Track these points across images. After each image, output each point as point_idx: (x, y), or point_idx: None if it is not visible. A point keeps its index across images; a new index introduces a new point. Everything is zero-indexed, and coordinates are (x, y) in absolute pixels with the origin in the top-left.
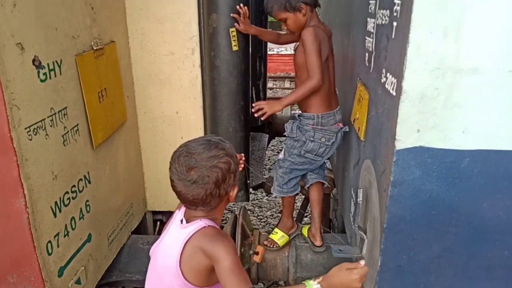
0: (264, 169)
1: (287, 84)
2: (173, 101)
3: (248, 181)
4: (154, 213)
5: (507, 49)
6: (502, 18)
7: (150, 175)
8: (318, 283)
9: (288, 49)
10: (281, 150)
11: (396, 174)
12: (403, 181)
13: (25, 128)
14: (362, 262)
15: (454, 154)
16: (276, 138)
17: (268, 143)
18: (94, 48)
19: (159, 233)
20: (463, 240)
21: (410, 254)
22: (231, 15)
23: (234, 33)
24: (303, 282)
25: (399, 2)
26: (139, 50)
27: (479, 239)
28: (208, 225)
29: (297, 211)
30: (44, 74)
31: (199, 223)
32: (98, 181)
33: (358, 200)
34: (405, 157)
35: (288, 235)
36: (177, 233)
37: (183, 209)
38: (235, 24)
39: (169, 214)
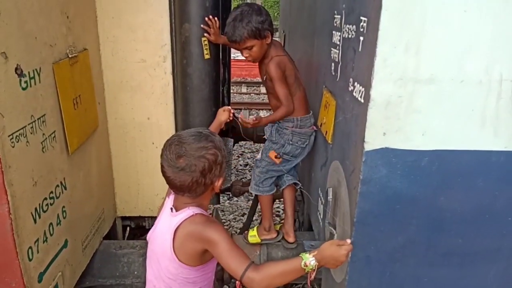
0: (231, 173)
1: (243, 89)
2: (144, 107)
3: None
4: (123, 219)
5: (459, 62)
6: (454, 35)
7: (120, 181)
8: (313, 256)
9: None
10: (241, 154)
11: (365, 172)
12: (371, 179)
13: (8, 136)
14: (349, 241)
15: (415, 154)
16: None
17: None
18: (70, 56)
19: (129, 238)
20: (423, 230)
21: (377, 245)
22: (201, 26)
23: (206, 42)
24: (299, 255)
25: (365, 19)
26: (110, 58)
27: (437, 229)
28: (196, 213)
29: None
30: (25, 82)
31: (187, 212)
32: (73, 187)
33: (329, 198)
34: (373, 158)
35: (261, 239)
36: (168, 221)
37: (172, 196)
38: (205, 34)
39: (137, 219)
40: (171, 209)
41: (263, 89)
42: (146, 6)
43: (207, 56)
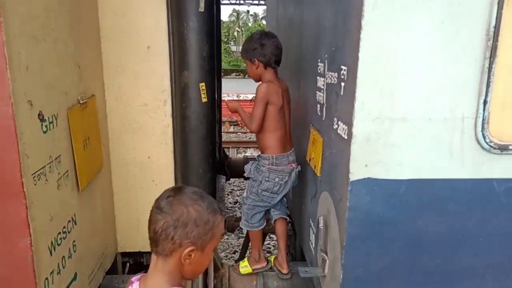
0: (224, 209)
1: (231, 128)
2: (145, 147)
3: None
4: (122, 255)
5: (426, 103)
6: (421, 81)
7: (121, 218)
8: None
9: (230, 95)
10: (230, 192)
11: (351, 200)
12: (357, 206)
13: (32, 174)
14: None
15: (393, 183)
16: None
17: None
18: (81, 102)
19: (129, 273)
20: (405, 251)
21: (365, 266)
22: None
23: (204, 87)
24: None
25: (345, 68)
26: (114, 102)
27: (417, 250)
28: None
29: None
30: (46, 126)
31: None
32: (82, 223)
33: (320, 225)
34: (358, 187)
35: (252, 269)
36: None
37: (135, 284)
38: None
39: (136, 255)
40: None
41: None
42: (149, 56)
43: (204, 100)
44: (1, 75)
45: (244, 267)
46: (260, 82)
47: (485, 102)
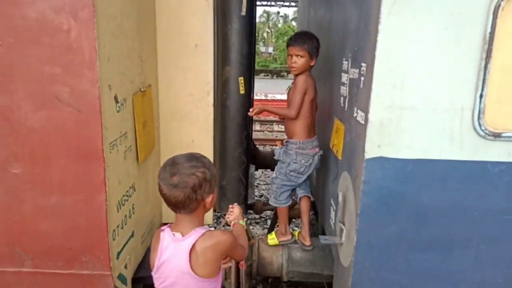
0: (254, 192)
1: (257, 127)
2: (189, 132)
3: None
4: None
5: (431, 96)
6: (427, 76)
7: None
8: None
9: (258, 94)
10: (256, 186)
11: (365, 176)
12: (370, 181)
13: (109, 144)
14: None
15: (402, 162)
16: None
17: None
18: (142, 90)
19: None
20: (411, 221)
21: (376, 232)
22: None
23: (242, 81)
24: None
25: (365, 65)
26: (166, 92)
27: (421, 221)
28: (204, 232)
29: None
30: (119, 107)
31: (195, 234)
32: (139, 191)
33: (339, 200)
34: (371, 164)
35: (279, 241)
36: (175, 247)
37: (166, 229)
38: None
39: None
40: (174, 234)
41: (275, 127)
42: (196, 53)
43: (242, 92)
44: (92, 64)
45: (272, 239)
46: (299, 75)
47: (481, 96)
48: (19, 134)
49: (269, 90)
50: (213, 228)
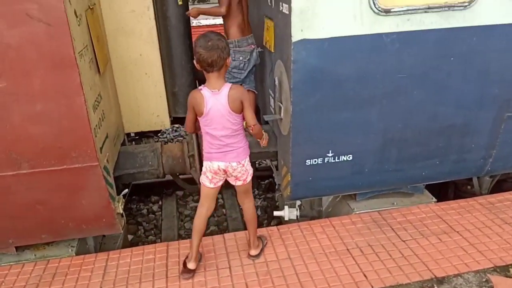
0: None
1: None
2: (136, 46)
3: None
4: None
5: None
6: None
7: (124, 105)
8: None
9: None
10: None
11: (294, 56)
12: (298, 60)
13: (78, 53)
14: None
15: (320, 41)
16: None
17: None
18: (90, 7)
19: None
20: (330, 89)
21: (306, 101)
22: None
23: None
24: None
25: None
26: (108, 10)
27: (338, 87)
28: (231, 85)
29: None
30: (78, 21)
31: (227, 87)
32: (104, 99)
33: (275, 83)
34: (297, 46)
35: None
36: (215, 98)
37: (204, 89)
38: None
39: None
40: (211, 91)
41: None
42: None
43: (180, 3)
44: None
45: None
46: None
47: None
48: None
49: None
50: None
